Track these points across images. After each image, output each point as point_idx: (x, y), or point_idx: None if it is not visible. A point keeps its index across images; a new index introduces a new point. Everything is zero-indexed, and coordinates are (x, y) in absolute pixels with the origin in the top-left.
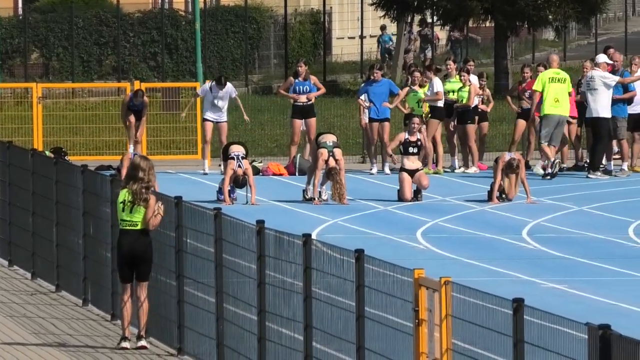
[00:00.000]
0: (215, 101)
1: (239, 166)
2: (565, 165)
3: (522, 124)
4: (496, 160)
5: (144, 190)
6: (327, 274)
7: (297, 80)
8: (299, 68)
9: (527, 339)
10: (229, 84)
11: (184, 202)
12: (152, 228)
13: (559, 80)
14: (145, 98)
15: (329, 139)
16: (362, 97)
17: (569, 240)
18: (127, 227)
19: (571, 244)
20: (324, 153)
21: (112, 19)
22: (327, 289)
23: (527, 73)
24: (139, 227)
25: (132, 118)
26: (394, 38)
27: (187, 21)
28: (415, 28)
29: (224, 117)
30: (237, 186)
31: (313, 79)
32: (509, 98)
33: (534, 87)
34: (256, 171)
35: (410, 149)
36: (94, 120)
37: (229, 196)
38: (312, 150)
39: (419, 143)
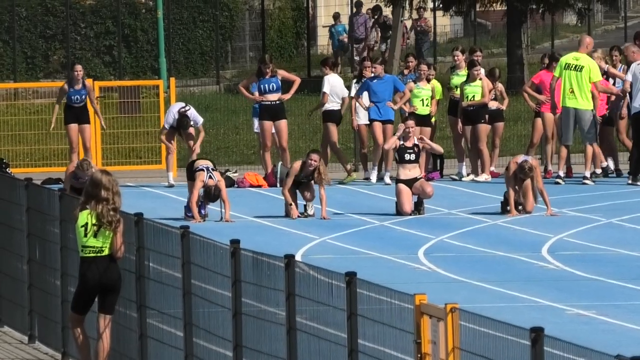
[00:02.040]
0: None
1: (210, 177)
2: (596, 171)
3: (541, 123)
4: (507, 167)
5: (112, 213)
6: (314, 302)
7: (261, 79)
8: (267, 69)
9: None
10: (192, 112)
11: (146, 219)
12: (120, 256)
13: (575, 67)
14: (88, 83)
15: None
16: (363, 96)
17: (596, 258)
18: (92, 255)
19: (599, 262)
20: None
21: (60, 7)
22: (314, 319)
23: (547, 63)
24: (105, 252)
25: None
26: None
27: (148, 9)
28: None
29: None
30: (209, 199)
31: (280, 73)
32: (525, 94)
33: (555, 73)
34: (231, 182)
35: (407, 156)
36: (40, 125)
37: (199, 212)
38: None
39: (416, 149)
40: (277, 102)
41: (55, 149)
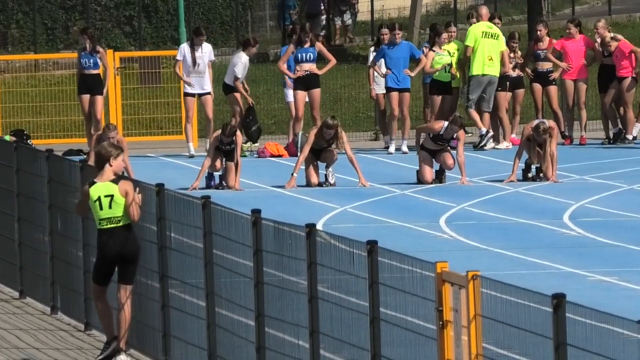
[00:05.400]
0: (195, 66)
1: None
2: (628, 137)
3: (538, 88)
4: (522, 133)
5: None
6: (336, 271)
7: (298, 47)
8: (306, 38)
9: (571, 341)
10: (208, 44)
11: (167, 190)
12: (136, 219)
13: (491, 35)
14: (100, 49)
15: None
16: (379, 64)
17: (618, 224)
18: (109, 226)
19: (621, 228)
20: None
21: None
22: (336, 288)
23: (541, 30)
24: (122, 222)
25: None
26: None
27: None
28: None
29: (208, 87)
30: (224, 134)
31: (319, 46)
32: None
33: (466, 42)
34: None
35: (440, 142)
36: (61, 97)
37: (209, 183)
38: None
39: (452, 142)
40: (310, 72)
41: (75, 120)
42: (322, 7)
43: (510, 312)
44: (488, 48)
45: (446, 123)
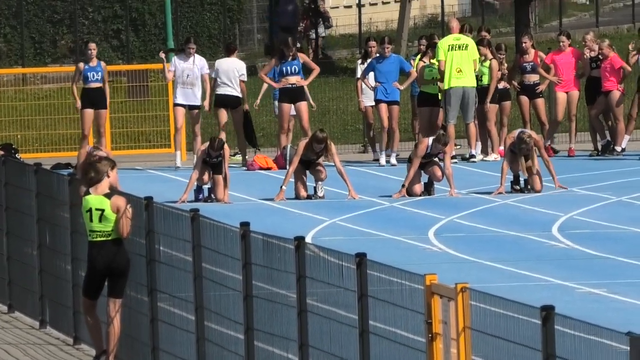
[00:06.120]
0: (185, 76)
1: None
2: (617, 149)
3: (525, 101)
4: (504, 143)
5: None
6: (325, 283)
7: (282, 61)
8: (289, 53)
9: (559, 353)
10: (201, 58)
11: (156, 203)
12: (126, 235)
13: (459, 47)
14: (103, 62)
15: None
16: (368, 76)
17: (607, 236)
18: (99, 239)
19: (610, 240)
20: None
21: None
22: (325, 301)
23: (526, 43)
24: (112, 236)
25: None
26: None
27: None
28: None
29: (197, 100)
30: (212, 149)
31: (302, 57)
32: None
33: (438, 58)
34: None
35: (427, 158)
36: (49, 110)
37: (197, 196)
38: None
39: (440, 155)
40: (296, 85)
41: (64, 134)
42: (295, 21)
43: (499, 324)
44: (456, 60)
45: (430, 140)
